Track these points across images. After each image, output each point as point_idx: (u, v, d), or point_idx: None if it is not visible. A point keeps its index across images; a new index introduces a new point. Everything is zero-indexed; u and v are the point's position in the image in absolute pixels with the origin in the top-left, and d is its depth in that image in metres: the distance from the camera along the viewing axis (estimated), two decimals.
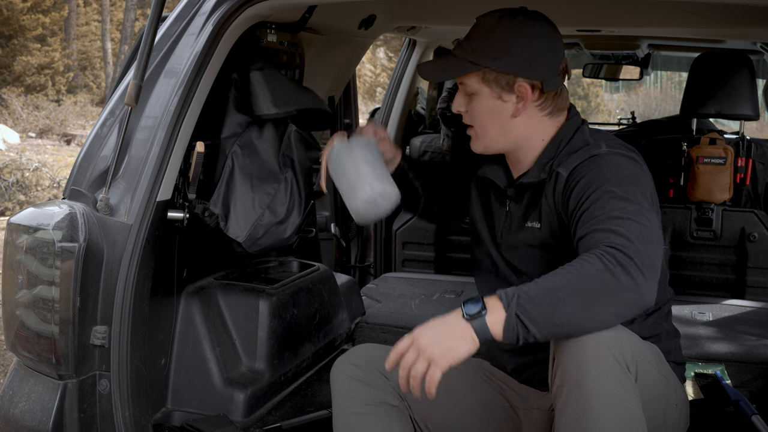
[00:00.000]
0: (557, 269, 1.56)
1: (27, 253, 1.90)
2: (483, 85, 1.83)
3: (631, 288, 1.52)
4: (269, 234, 2.57)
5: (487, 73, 1.82)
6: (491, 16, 1.86)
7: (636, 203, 1.66)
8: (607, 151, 1.79)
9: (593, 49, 4.89)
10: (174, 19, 2.16)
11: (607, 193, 1.68)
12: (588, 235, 1.64)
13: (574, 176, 1.78)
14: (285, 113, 2.55)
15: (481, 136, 1.88)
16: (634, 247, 1.55)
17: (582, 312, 1.53)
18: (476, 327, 1.53)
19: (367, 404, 1.86)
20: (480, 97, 1.84)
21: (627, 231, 1.58)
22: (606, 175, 1.73)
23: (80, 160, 2.06)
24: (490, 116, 1.85)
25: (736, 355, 2.87)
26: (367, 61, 26.06)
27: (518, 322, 1.51)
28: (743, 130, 3.61)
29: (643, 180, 1.75)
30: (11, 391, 1.99)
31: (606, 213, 1.65)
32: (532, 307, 1.52)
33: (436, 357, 1.53)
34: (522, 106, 1.84)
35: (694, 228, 3.59)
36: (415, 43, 4.25)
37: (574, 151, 1.82)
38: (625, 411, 1.51)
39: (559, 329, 1.55)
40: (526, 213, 1.88)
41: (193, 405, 2.38)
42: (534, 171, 1.87)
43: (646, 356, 1.66)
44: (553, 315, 1.52)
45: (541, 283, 1.54)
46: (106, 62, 23.91)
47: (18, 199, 9.26)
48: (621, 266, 1.52)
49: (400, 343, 1.58)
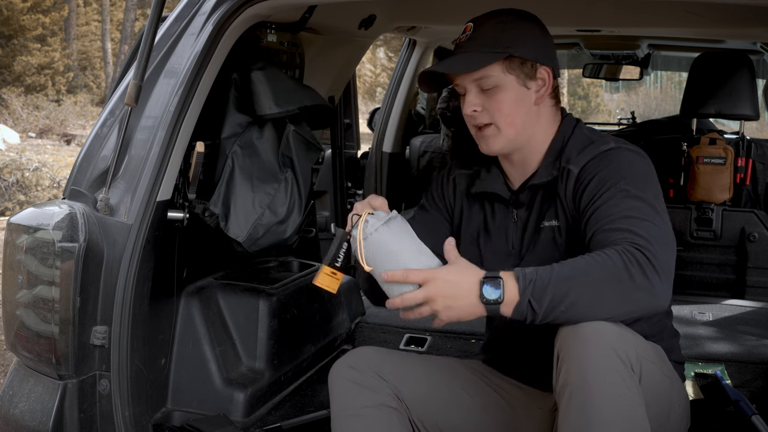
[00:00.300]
0: (577, 258, 1.60)
1: (27, 253, 1.90)
2: (508, 74, 1.82)
3: (646, 289, 1.56)
4: (269, 234, 2.57)
5: (512, 61, 1.82)
6: (490, 16, 1.87)
7: (650, 204, 1.69)
8: (617, 147, 1.81)
9: (593, 49, 4.89)
10: (174, 19, 2.16)
11: (621, 191, 1.70)
12: (604, 233, 1.66)
13: (586, 173, 1.79)
14: (287, 112, 2.55)
15: (505, 129, 1.84)
16: (654, 250, 1.58)
17: (588, 298, 1.56)
18: (489, 309, 1.60)
19: (365, 406, 1.86)
20: (504, 88, 1.83)
21: (645, 232, 1.61)
22: (619, 172, 1.74)
23: (80, 160, 2.06)
24: (517, 106, 1.84)
25: (736, 355, 2.87)
26: (367, 61, 26.07)
27: (529, 307, 1.57)
28: (743, 130, 3.61)
29: (654, 178, 1.78)
30: (11, 391, 1.99)
31: (621, 212, 1.67)
32: (545, 295, 1.56)
33: (443, 316, 1.64)
34: (544, 91, 1.86)
35: (694, 228, 3.59)
36: (415, 43, 4.26)
37: (581, 148, 1.84)
38: (628, 410, 1.51)
39: (564, 317, 1.58)
40: (541, 213, 1.88)
41: (193, 405, 2.38)
42: (544, 170, 1.87)
43: (650, 356, 1.67)
44: (562, 303, 1.56)
45: (558, 270, 1.58)
46: (106, 62, 23.91)
47: (18, 199, 9.26)
48: (640, 267, 1.55)
49: (412, 294, 1.63)
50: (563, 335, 1.60)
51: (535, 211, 1.90)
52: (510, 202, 1.94)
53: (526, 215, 1.91)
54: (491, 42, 1.82)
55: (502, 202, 1.96)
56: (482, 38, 1.84)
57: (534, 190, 1.90)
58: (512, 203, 1.94)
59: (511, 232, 1.94)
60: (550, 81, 1.87)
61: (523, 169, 1.93)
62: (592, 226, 1.70)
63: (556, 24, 3.46)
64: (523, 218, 1.92)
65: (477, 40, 1.84)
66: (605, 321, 1.58)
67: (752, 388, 2.66)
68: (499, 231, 1.96)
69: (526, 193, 1.91)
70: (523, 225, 1.92)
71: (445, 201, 2.07)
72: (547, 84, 1.86)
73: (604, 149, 1.80)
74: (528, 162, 1.91)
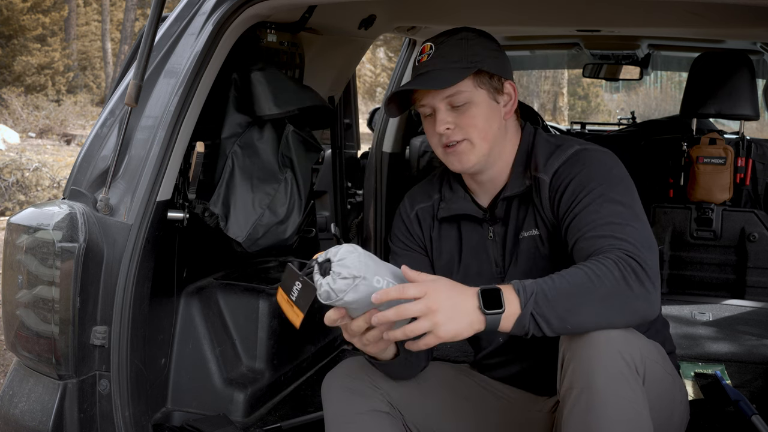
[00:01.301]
0: (574, 268, 1.57)
1: (27, 253, 1.90)
2: (479, 89, 1.82)
3: (644, 298, 1.56)
4: (269, 234, 2.57)
5: (481, 75, 1.82)
6: (448, 34, 1.85)
7: (629, 207, 1.69)
8: (583, 148, 1.81)
9: (593, 49, 4.89)
10: (174, 19, 2.16)
11: (600, 196, 1.70)
12: (588, 240, 1.65)
13: (559, 179, 1.78)
14: (286, 113, 2.55)
15: (479, 144, 1.82)
16: (644, 256, 1.58)
17: (595, 317, 1.55)
18: (489, 320, 1.52)
19: (359, 413, 1.85)
20: (476, 104, 1.81)
21: (632, 238, 1.61)
22: (595, 176, 1.73)
23: (80, 160, 2.06)
24: (489, 120, 1.83)
25: (736, 355, 2.87)
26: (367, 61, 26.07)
27: (531, 321, 1.53)
28: (743, 130, 3.61)
29: (628, 178, 1.77)
30: (11, 391, 1.99)
31: (602, 218, 1.66)
32: (548, 309, 1.53)
33: (441, 332, 1.50)
34: (511, 106, 1.87)
35: (694, 228, 3.59)
36: (415, 43, 4.25)
37: (548, 155, 1.83)
38: (632, 413, 1.52)
39: (568, 329, 1.56)
40: (519, 225, 1.87)
41: (193, 405, 2.38)
42: (514, 182, 1.86)
43: (654, 356, 1.67)
44: (567, 317, 1.53)
45: (559, 283, 1.54)
46: (106, 62, 23.91)
47: (18, 199, 9.26)
48: (636, 276, 1.55)
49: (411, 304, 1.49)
50: (569, 339, 1.60)
51: (512, 223, 1.88)
52: (484, 219, 1.92)
53: (503, 230, 1.89)
54: (457, 58, 1.81)
55: (475, 221, 1.93)
56: (447, 55, 1.81)
57: (508, 203, 1.89)
58: (487, 220, 1.92)
59: (491, 250, 1.92)
60: (516, 95, 1.87)
61: (492, 185, 1.91)
62: (574, 234, 1.69)
63: (556, 24, 3.47)
64: (500, 233, 1.90)
65: (442, 58, 1.81)
66: None
67: (752, 388, 2.66)
68: (478, 251, 1.93)
69: (500, 206, 1.89)
70: (501, 240, 1.90)
71: (415, 240, 2.02)
72: (513, 99, 1.86)
73: (571, 152, 1.80)
74: (496, 177, 1.90)
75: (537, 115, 3.52)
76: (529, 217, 1.85)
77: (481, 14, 3.01)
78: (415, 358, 1.86)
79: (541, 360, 1.86)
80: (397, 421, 1.90)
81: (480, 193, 1.94)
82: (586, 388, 1.53)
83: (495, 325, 1.53)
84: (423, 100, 1.84)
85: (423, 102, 1.84)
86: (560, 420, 1.59)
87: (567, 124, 7.07)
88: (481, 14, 3.01)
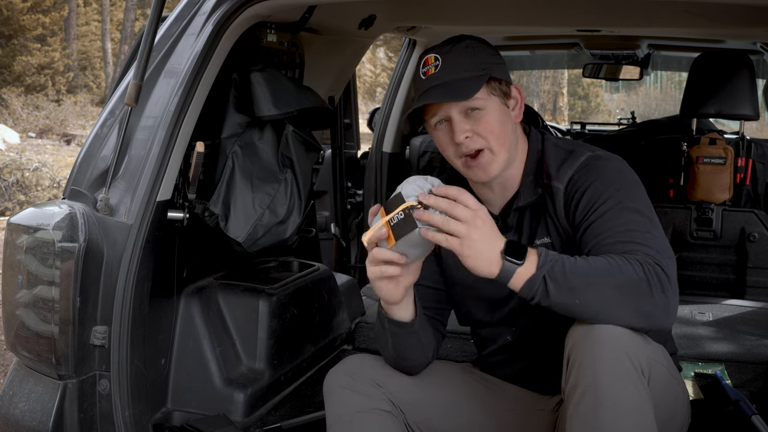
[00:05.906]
0: (600, 257, 1.59)
1: (27, 253, 1.90)
2: (492, 96, 1.81)
3: (663, 306, 1.57)
4: (269, 234, 2.57)
5: (492, 82, 1.81)
6: (452, 43, 1.83)
7: (646, 216, 1.70)
8: (594, 155, 1.81)
9: (593, 49, 4.89)
10: (174, 19, 2.16)
11: (617, 204, 1.70)
12: (606, 246, 1.65)
13: (574, 187, 1.78)
14: (286, 114, 2.55)
15: (499, 150, 1.81)
16: (667, 264, 1.59)
17: (605, 302, 1.56)
18: (505, 267, 1.56)
19: (360, 411, 1.85)
20: (489, 110, 1.80)
21: (653, 245, 1.62)
22: (610, 184, 1.73)
23: (80, 160, 2.06)
24: (504, 126, 1.82)
25: (736, 355, 2.87)
26: (367, 61, 26.06)
27: (542, 284, 1.55)
28: (743, 130, 3.61)
29: (641, 186, 1.78)
30: (11, 391, 1.99)
31: (620, 225, 1.66)
32: (562, 278, 1.55)
33: (465, 248, 1.55)
34: (518, 110, 1.87)
35: (694, 228, 3.59)
36: (415, 43, 4.25)
37: (560, 162, 1.83)
38: (636, 413, 1.52)
39: (576, 304, 1.57)
40: (532, 233, 1.86)
41: (193, 405, 2.38)
42: (526, 190, 1.86)
43: (659, 359, 1.68)
44: (577, 291, 1.55)
45: (581, 262, 1.57)
46: (106, 62, 23.91)
47: (18, 199, 9.27)
48: (659, 282, 1.56)
49: (462, 210, 1.55)
50: (575, 338, 1.60)
51: (525, 232, 1.88)
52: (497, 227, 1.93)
53: (516, 238, 1.89)
54: (468, 66, 1.80)
55: None
56: (457, 64, 1.80)
57: (521, 212, 1.89)
58: (500, 229, 1.92)
59: None
60: (522, 99, 1.87)
61: (503, 192, 1.90)
62: (591, 240, 1.69)
63: (556, 24, 3.47)
64: None
65: (452, 68, 1.79)
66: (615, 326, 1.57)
67: (752, 388, 2.66)
68: None
69: (513, 216, 1.89)
70: None
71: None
72: (519, 102, 1.87)
73: (584, 159, 1.80)
74: (508, 184, 1.89)
75: (537, 115, 3.53)
76: (542, 225, 1.85)
77: (481, 14, 3.01)
78: (425, 338, 1.87)
79: (544, 358, 1.86)
80: (399, 420, 1.90)
81: (491, 200, 1.92)
82: (591, 387, 1.53)
83: (508, 276, 1.57)
84: (439, 112, 1.82)
85: (437, 113, 1.82)
86: (564, 418, 1.60)
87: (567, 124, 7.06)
88: (481, 14, 3.01)
